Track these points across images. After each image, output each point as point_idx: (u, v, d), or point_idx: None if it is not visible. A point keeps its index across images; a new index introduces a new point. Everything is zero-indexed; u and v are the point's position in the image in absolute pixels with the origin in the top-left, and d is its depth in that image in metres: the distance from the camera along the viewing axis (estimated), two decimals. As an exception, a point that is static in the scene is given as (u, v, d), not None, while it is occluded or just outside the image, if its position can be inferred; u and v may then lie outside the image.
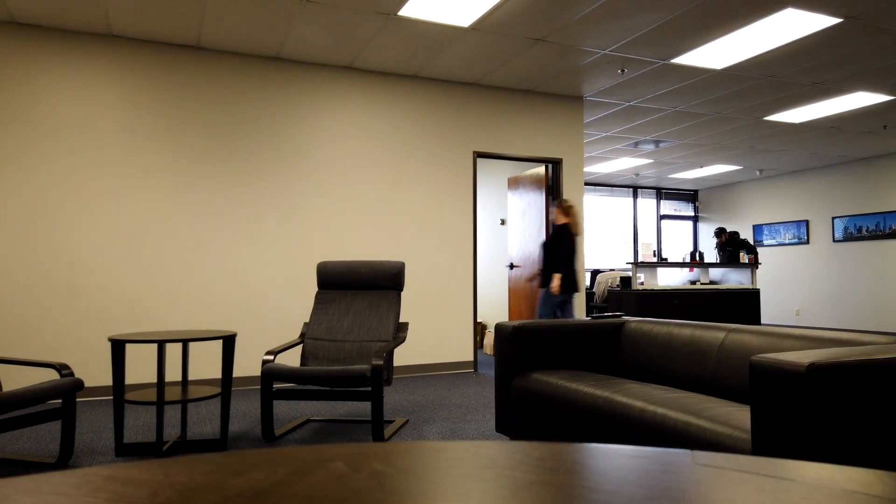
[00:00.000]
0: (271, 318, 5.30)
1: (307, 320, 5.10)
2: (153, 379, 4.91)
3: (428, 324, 5.86)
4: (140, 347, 4.90)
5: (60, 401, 4.32)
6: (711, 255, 11.63)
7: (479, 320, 8.32)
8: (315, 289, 5.47)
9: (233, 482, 0.54)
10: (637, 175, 11.09)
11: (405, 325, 3.94)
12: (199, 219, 5.10)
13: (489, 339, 7.40)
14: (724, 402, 2.22)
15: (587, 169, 10.41)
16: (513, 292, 7.44)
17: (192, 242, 5.07)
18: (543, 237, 6.69)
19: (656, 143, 8.61)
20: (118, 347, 3.12)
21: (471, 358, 6.03)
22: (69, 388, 2.89)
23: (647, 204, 12.33)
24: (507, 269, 7.65)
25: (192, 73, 5.13)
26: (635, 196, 12.17)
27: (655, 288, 7.22)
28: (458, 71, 5.76)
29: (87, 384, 4.73)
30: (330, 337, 3.86)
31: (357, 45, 5.12)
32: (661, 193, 12.43)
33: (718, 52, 5.23)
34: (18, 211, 4.60)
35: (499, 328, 3.17)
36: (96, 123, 4.84)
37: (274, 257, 5.33)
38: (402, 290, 4.01)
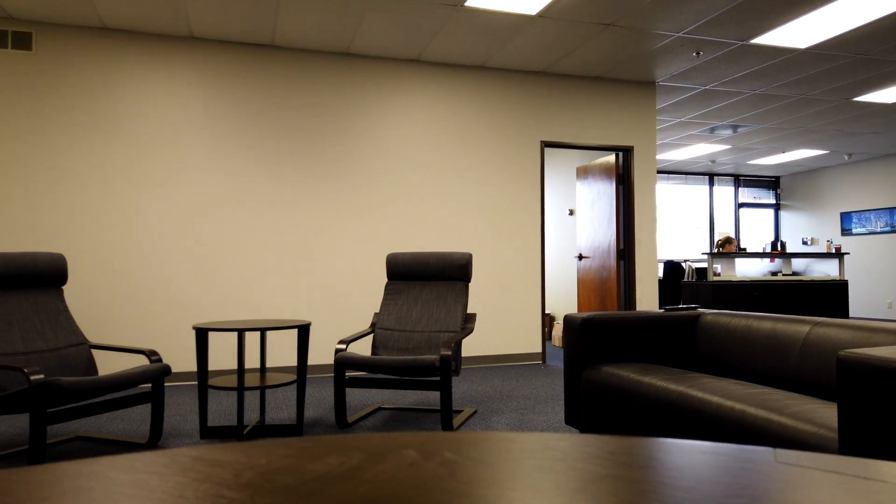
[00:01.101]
0: (343, 308, 5.44)
1: (377, 310, 5.20)
2: (233, 365, 5.13)
3: (495, 315, 5.86)
4: (221, 335, 5.13)
5: (150, 385, 4.57)
6: (796, 243, 11.06)
7: (546, 312, 8.25)
8: (385, 279, 5.57)
9: (310, 466, 0.56)
10: (713, 162, 10.66)
11: (473, 316, 3.95)
12: (276, 213, 5.28)
13: (557, 330, 7.33)
14: (807, 399, 2.12)
15: (660, 157, 10.10)
16: (582, 283, 7.33)
17: (270, 236, 5.26)
18: (614, 227, 6.55)
19: (734, 128, 8.24)
20: (202, 335, 3.28)
21: (539, 349, 5.99)
22: (158, 373, 3.07)
23: (725, 192, 11.84)
24: (576, 259, 7.54)
25: (267, 71, 5.31)
26: (711, 184, 11.71)
27: (733, 279, 6.93)
28: (525, 60, 5.70)
29: (173, 370, 5.00)
30: (399, 327, 3.92)
31: (424, 38, 5.15)
32: (740, 181, 11.91)
33: (802, 31, 4.94)
34: (111, 208, 4.90)
35: (567, 320, 3.13)
36: (179, 123, 5.08)
37: (346, 249, 5.46)
38: (469, 281, 4.03)
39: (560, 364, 5.91)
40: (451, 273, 4.01)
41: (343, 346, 3.49)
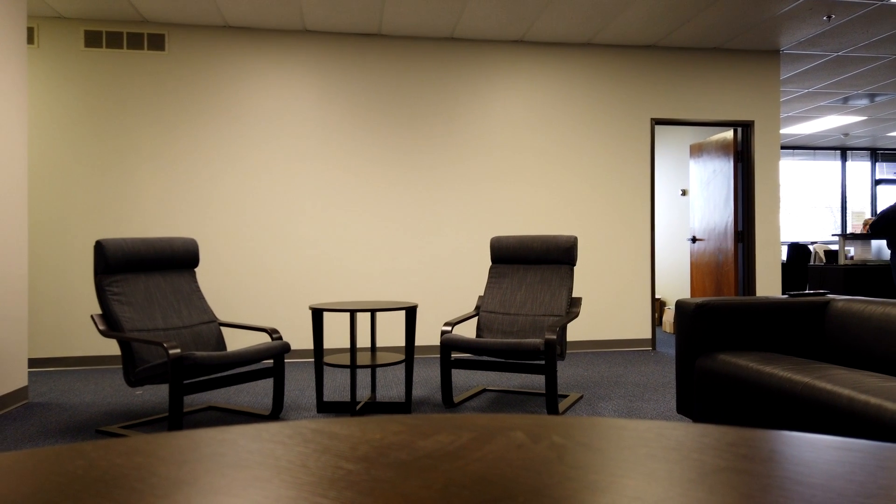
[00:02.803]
0: (448, 290, 5.53)
1: (481, 293, 5.23)
2: (345, 344, 5.37)
3: (602, 299, 5.72)
4: (334, 316, 5.38)
5: (272, 361, 4.88)
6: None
7: (657, 297, 7.95)
8: (489, 263, 5.59)
9: (421, 443, 0.58)
10: (846, 135, 9.74)
11: (578, 300, 3.88)
12: (384, 199, 5.44)
13: (668, 316, 7.05)
14: (958, 397, 1.91)
15: (784, 131, 9.37)
16: (695, 267, 6.99)
17: (378, 221, 5.43)
18: (732, 207, 6.17)
19: (871, 97, 7.48)
20: (317, 315, 3.46)
21: (648, 336, 5.79)
22: (279, 350, 3.27)
23: (859, 167, 10.81)
24: (689, 242, 7.19)
25: (374, 60, 5.44)
26: (844, 159, 10.72)
27: (868, 262, 6.34)
28: (635, 34, 5.46)
29: (291, 348, 5.31)
30: (503, 310, 3.93)
31: (528, 18, 5.07)
32: (877, 155, 10.81)
33: (958, -17, 4.38)
34: (237, 196, 5.25)
35: (680, 305, 3.00)
36: (294, 113, 5.34)
37: (450, 233, 5.53)
38: (574, 264, 3.96)
39: (671, 351, 5.69)
40: (556, 256, 3.95)
41: (448, 329, 3.55)
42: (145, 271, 3.45)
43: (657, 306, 7.56)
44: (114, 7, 4.80)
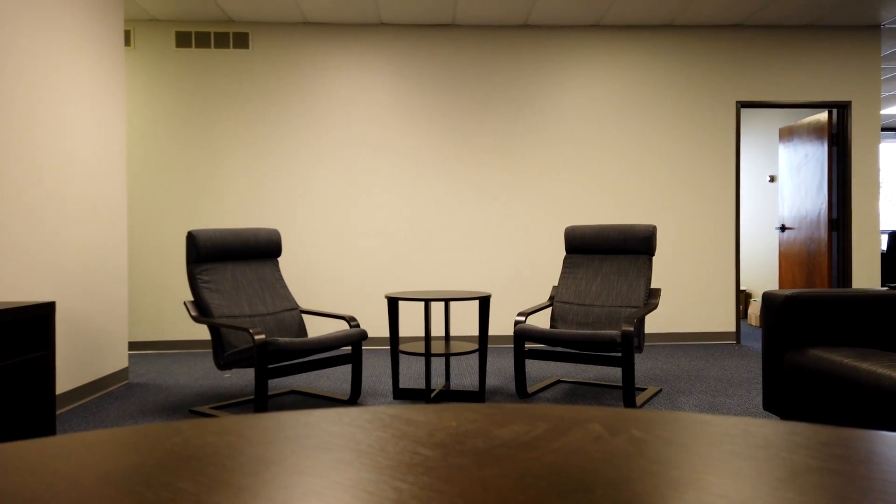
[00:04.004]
0: (521, 280, 5.50)
1: (555, 283, 5.17)
2: (419, 332, 5.45)
3: (683, 290, 5.53)
4: (409, 304, 5.47)
5: (350, 348, 5.01)
6: None
7: (742, 288, 7.60)
8: (562, 252, 5.51)
9: (497, 432, 0.58)
10: (959, 114, 8.94)
11: (657, 291, 3.77)
12: (458, 188, 5.46)
13: (754, 308, 6.73)
14: None
15: (885, 111, 8.71)
16: (784, 257, 6.63)
17: (452, 211, 5.46)
18: (825, 194, 5.81)
19: None
20: (393, 304, 3.52)
21: (732, 329, 5.55)
22: (357, 337, 3.36)
23: (974, 149, 9.90)
24: (778, 231, 6.83)
25: (448, 50, 5.46)
26: (955, 140, 9.85)
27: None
28: (719, 13, 5.21)
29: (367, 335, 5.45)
30: (578, 301, 3.87)
31: (606, 1, 4.93)
32: None
33: None
34: (317, 188, 5.41)
35: (767, 297, 2.86)
36: (369, 105, 5.43)
37: (524, 222, 5.49)
38: (653, 254, 3.84)
39: (757, 345, 5.43)
40: (634, 246, 3.85)
41: (522, 319, 3.54)
42: (232, 260, 3.62)
43: (742, 298, 7.24)
44: (202, 8, 5.03)
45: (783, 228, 6.60)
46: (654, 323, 5.53)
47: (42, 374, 2.68)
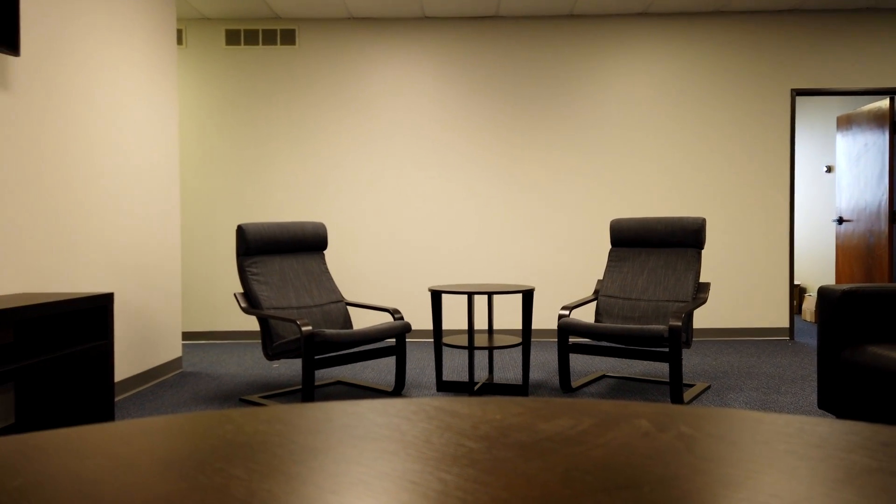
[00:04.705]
0: (565, 274, 5.44)
1: (600, 277, 5.11)
2: (462, 325, 5.46)
3: (734, 285, 5.38)
4: (452, 297, 5.48)
5: (394, 340, 5.06)
6: None
7: (796, 282, 7.35)
8: (608, 246, 5.43)
9: (542, 426, 0.58)
10: None
11: (706, 285, 3.68)
12: (502, 182, 5.44)
13: (809, 303, 6.50)
14: None
15: (954, 96, 8.25)
16: (842, 251, 6.38)
17: (496, 203, 5.44)
18: (886, 185, 5.56)
19: None
20: (436, 297, 3.54)
21: (786, 324, 5.38)
22: (401, 330, 3.39)
23: None
24: (835, 223, 6.57)
25: (492, 42, 5.43)
26: None
27: None
28: (773, -3, 5.02)
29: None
30: (624, 295, 3.81)
31: (653, -12, 4.81)
32: None
33: None
34: (362, 181, 5.47)
35: (823, 292, 2.76)
36: (413, 98, 5.45)
37: (568, 215, 5.43)
38: (702, 247, 3.75)
39: (811, 341, 5.25)
40: (682, 239, 3.76)
41: (566, 313, 3.51)
42: (280, 253, 3.70)
43: (796, 293, 7.00)
44: (250, 5, 5.13)
45: (840, 221, 6.34)
46: (703, 318, 5.40)
47: (101, 362, 2.79)
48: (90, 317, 2.78)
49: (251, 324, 5.51)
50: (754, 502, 0.41)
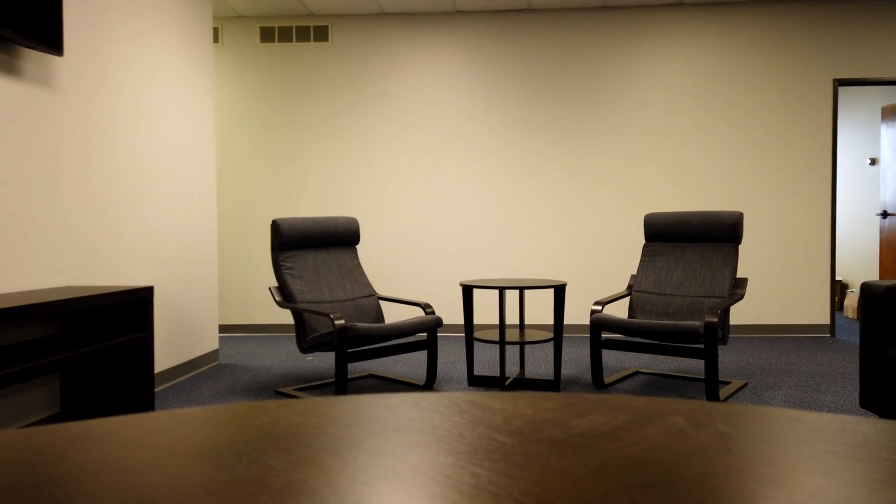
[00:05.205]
0: (597, 269, 5.39)
1: (633, 272, 5.04)
2: (493, 320, 5.45)
3: (772, 280, 5.26)
4: (483, 292, 5.48)
5: (426, 334, 5.08)
6: None
7: (838, 278, 7.15)
8: (640, 240, 5.36)
9: (574, 421, 0.58)
10: None
11: (743, 280, 3.60)
12: (534, 176, 5.40)
13: (851, 300, 6.32)
14: None
15: None
16: (886, 245, 6.17)
17: (527, 198, 5.41)
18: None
19: None
20: (468, 292, 3.54)
21: (826, 321, 5.24)
22: (433, 324, 3.40)
23: None
24: (879, 217, 6.36)
25: (524, 36, 5.39)
26: None
27: None
28: (816, -16, 4.87)
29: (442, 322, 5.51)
30: (658, 290, 3.76)
31: (689, -23, 4.71)
32: None
33: None
34: (393, 176, 5.50)
35: (866, 288, 2.67)
36: (444, 93, 5.45)
37: (601, 209, 5.37)
38: (739, 242, 3.67)
39: (853, 339, 5.10)
40: (718, 233, 3.69)
41: (599, 308, 3.47)
42: (313, 248, 3.74)
43: (837, 289, 6.81)
44: (284, 3, 5.18)
45: (885, 215, 6.14)
46: (740, 314, 5.30)
47: (142, 354, 2.87)
48: (131, 309, 2.86)
49: (286, 317, 5.59)
50: (794, 502, 0.40)
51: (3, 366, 2.14)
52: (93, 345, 2.53)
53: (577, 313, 5.42)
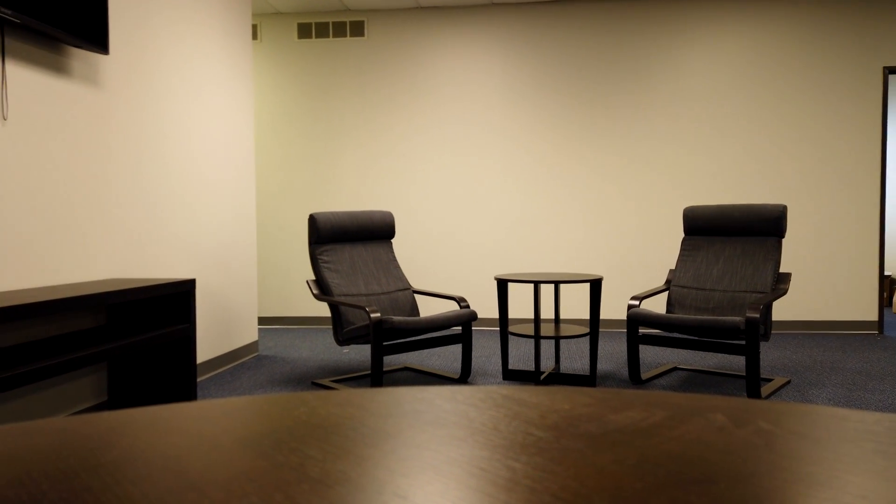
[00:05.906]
0: (634, 263, 5.31)
1: (671, 267, 4.95)
2: (528, 314, 5.43)
3: (817, 275, 5.11)
4: (518, 286, 5.46)
5: (460, 328, 5.10)
6: None
7: (887, 273, 6.90)
8: (679, 234, 5.26)
9: (611, 417, 0.57)
10: None
11: (787, 275, 3.51)
12: (569, 169, 5.35)
13: (902, 296, 6.09)
14: None
15: None
16: (940, 240, 5.93)
17: (564, 190, 5.36)
18: None
19: None
20: (503, 286, 3.53)
21: (874, 318, 5.07)
22: (467, 318, 3.41)
23: None
24: (933, 210, 6.11)
25: (560, 28, 5.32)
26: None
27: None
28: (866, -32, 4.69)
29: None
30: (697, 285, 3.69)
31: (731, -36, 4.59)
32: None
33: None
34: (425, 169, 5.51)
35: (919, 284, 2.57)
36: (480, 87, 5.43)
37: (639, 203, 5.29)
38: (783, 236, 3.57)
39: (904, 336, 4.92)
40: (761, 227, 3.60)
41: (636, 303, 3.43)
42: (350, 242, 3.78)
43: (886, 285, 6.58)
44: (319, -1, 5.23)
45: (940, 207, 5.89)
46: (783, 310, 5.16)
47: (185, 344, 2.94)
48: (174, 301, 2.93)
49: (323, 310, 5.67)
50: (840, 503, 0.39)
51: (55, 355, 2.22)
52: (138, 335, 2.61)
53: (614, 308, 5.35)
